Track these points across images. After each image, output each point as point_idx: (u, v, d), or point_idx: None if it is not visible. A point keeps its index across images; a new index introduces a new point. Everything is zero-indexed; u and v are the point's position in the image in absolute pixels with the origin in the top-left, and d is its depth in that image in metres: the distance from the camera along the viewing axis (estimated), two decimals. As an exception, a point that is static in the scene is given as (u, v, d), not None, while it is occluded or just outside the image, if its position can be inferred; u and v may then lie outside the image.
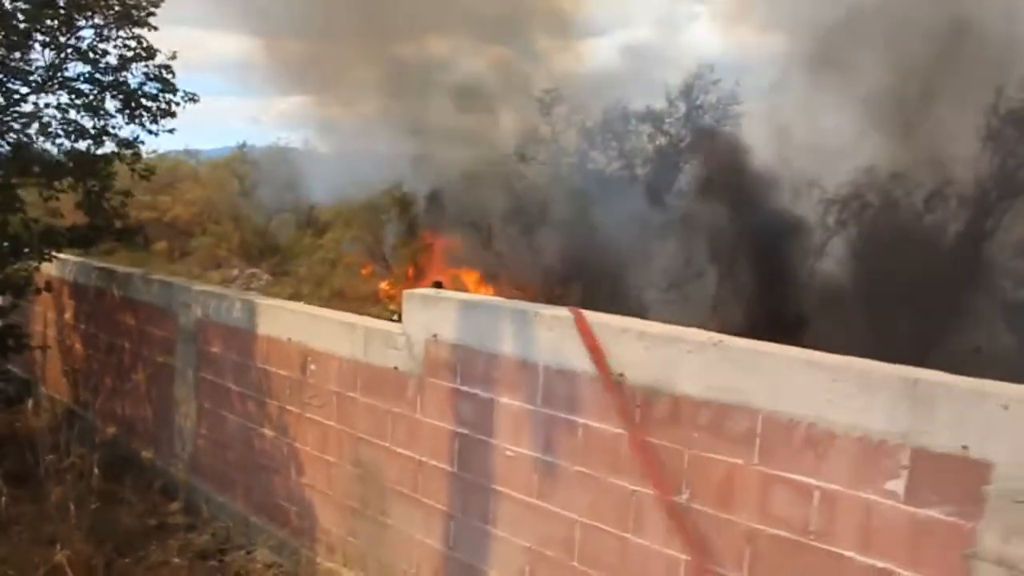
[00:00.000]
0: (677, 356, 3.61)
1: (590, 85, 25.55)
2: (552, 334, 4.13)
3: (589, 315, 4.08)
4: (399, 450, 5.08)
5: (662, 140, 23.79)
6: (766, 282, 19.91)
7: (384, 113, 28.42)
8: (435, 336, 4.74)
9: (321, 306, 21.00)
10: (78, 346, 9.27)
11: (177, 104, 8.60)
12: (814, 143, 19.73)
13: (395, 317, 16.97)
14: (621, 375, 3.82)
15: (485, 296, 4.44)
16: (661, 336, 3.69)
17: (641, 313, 21.72)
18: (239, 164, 34.51)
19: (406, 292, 4.95)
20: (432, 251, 25.58)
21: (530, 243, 22.65)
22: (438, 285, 18.21)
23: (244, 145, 35.38)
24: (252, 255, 31.08)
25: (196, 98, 8.56)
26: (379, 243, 27.20)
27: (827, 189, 19.93)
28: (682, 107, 23.60)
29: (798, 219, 20.30)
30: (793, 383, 3.26)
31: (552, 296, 23.10)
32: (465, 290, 23.82)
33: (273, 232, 31.42)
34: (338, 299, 25.45)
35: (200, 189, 35.45)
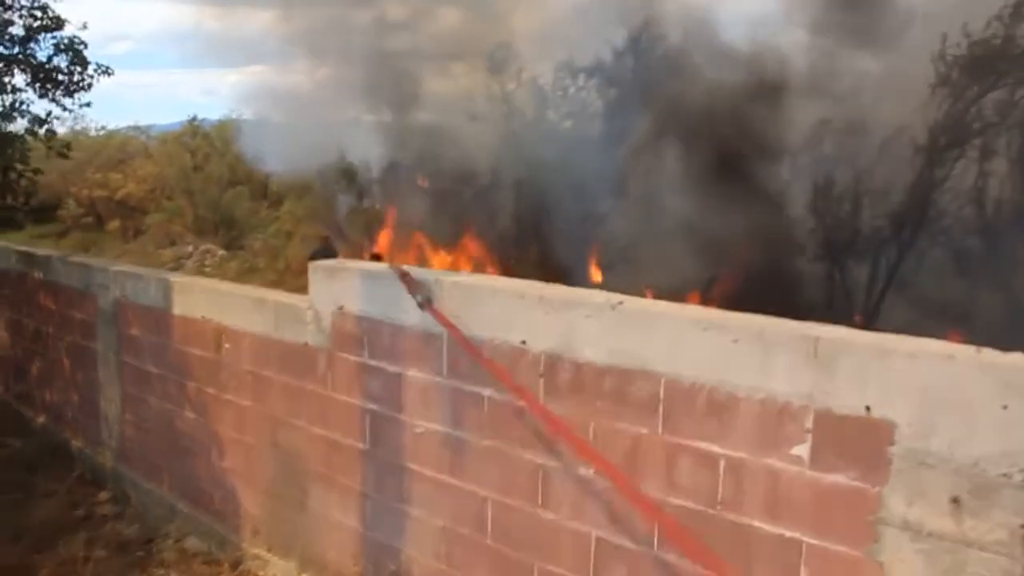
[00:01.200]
0: (577, 321, 3.40)
1: (542, 41, 25.14)
2: (453, 302, 3.91)
3: (487, 280, 3.87)
4: (314, 429, 4.86)
5: (612, 93, 23.42)
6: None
7: (336, 80, 27.87)
8: (341, 308, 4.51)
9: (276, 280, 20.55)
10: (3, 333, 8.92)
11: (91, 77, 8.21)
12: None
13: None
14: (523, 342, 3.61)
15: (384, 265, 4.20)
16: (560, 300, 3.48)
17: (602, 274, 21.57)
18: (191, 138, 33.74)
19: (311, 264, 4.70)
20: (386, 220, 25.25)
21: (484, 206, 22.36)
22: (376, 257, 17.97)
23: (195, 118, 34.54)
24: (207, 230, 30.50)
25: (110, 71, 8.19)
26: (332, 214, 26.79)
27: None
28: (630, 60, 23.22)
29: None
30: (693, 345, 3.07)
31: (507, 261, 23.00)
32: (423, 261, 23.59)
33: (227, 206, 30.83)
34: (292, 273, 25.12)
35: (152, 165, 34.73)
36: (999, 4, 18.47)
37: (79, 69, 8.06)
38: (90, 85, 8.16)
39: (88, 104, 8.45)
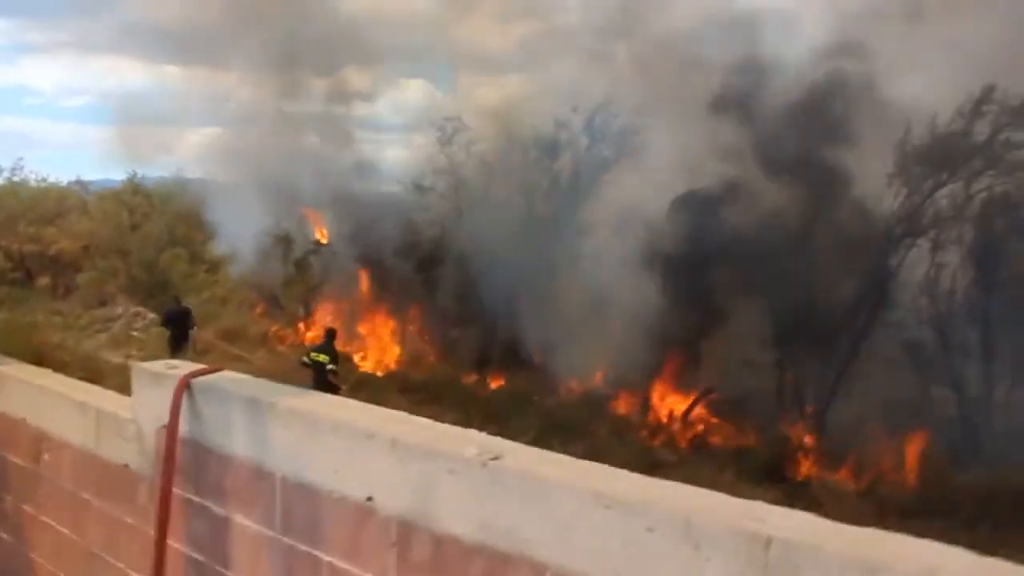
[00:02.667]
0: (438, 478, 2.45)
1: (496, 116, 24.72)
2: (289, 434, 2.94)
3: (332, 409, 2.92)
4: (133, 575, 3.81)
5: (566, 173, 22.92)
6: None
7: (289, 145, 27.05)
8: (164, 426, 3.51)
9: (202, 350, 19.34)
10: None
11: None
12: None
13: (305, 360, 15.55)
14: (370, 499, 2.65)
15: (221, 375, 3.24)
16: (418, 448, 2.53)
17: (542, 357, 20.71)
18: (130, 196, 32.51)
19: (134, 366, 3.72)
20: (322, 291, 24.18)
21: (427, 280, 21.48)
22: (331, 334, 16.92)
23: (135, 175, 33.41)
24: (140, 292, 29.12)
25: None
26: (270, 282, 25.62)
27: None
28: (584, 140, 22.79)
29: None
30: (591, 528, 2.13)
31: (449, 339, 22.03)
32: (354, 336, 22.61)
33: (163, 268, 29.52)
34: (227, 339, 23.88)
35: (88, 221, 33.34)
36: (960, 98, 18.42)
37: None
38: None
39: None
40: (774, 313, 19.52)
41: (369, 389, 17.49)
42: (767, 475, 15.74)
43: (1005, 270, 18.64)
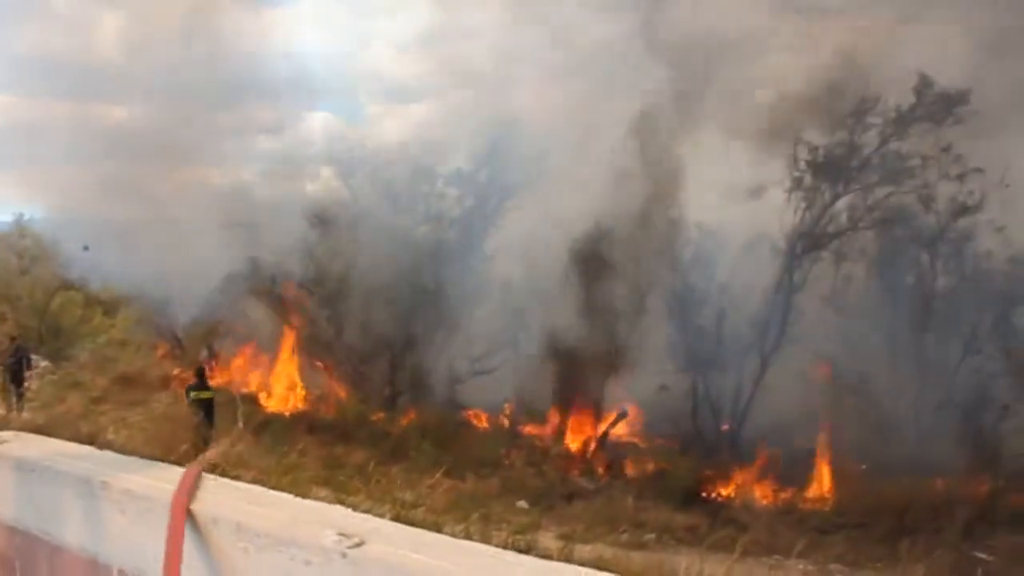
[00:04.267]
0: (291, 570, 2.07)
1: (400, 148, 24.36)
2: (126, 519, 2.52)
3: (188, 484, 2.50)
4: None
5: (470, 202, 22.67)
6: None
7: (181, 183, 26.08)
8: None
9: (99, 397, 18.24)
10: None
11: None
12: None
13: (192, 400, 14.78)
14: (219, 597, 2.24)
15: (49, 450, 2.79)
16: (269, 535, 2.14)
17: (452, 389, 20.34)
18: (16, 238, 30.93)
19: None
20: (224, 331, 23.29)
21: (331, 315, 20.91)
22: (201, 372, 16.21)
23: (22, 216, 31.82)
24: (30, 339, 27.61)
25: None
26: (171, 323, 24.60)
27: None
28: (486, 170, 22.58)
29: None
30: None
31: (357, 375, 21.47)
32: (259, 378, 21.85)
33: (55, 313, 28.09)
34: (123, 385, 22.76)
35: (-27, 267, 31.53)
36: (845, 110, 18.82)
37: None
38: None
39: None
40: (685, 333, 19.58)
41: (275, 430, 16.81)
42: (686, 499, 15.62)
43: (908, 278, 19.08)
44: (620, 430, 18.98)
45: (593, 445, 18.45)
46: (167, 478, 2.69)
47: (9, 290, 29.07)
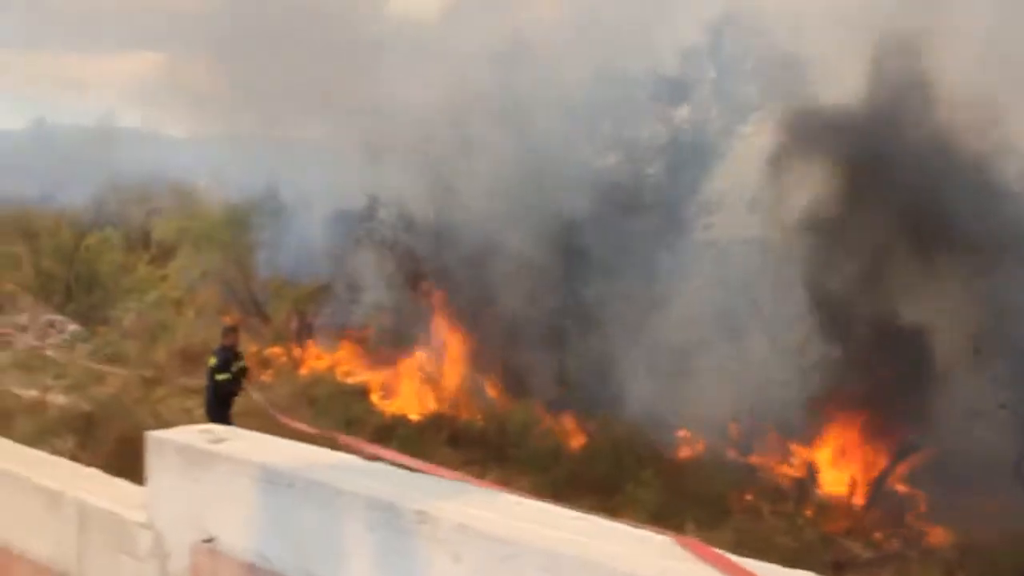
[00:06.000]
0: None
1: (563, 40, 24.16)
2: (463, 570, 2.47)
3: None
4: None
5: (684, 120, 22.27)
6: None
7: (281, 90, 26.54)
8: (210, 541, 3.08)
9: (153, 377, 19.17)
10: None
11: None
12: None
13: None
14: None
15: (299, 457, 2.82)
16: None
17: (642, 398, 20.37)
18: (35, 148, 32.58)
19: (150, 437, 3.29)
20: (326, 296, 23.50)
21: (477, 281, 20.87)
22: (232, 330, 16.25)
23: (43, 122, 33.46)
24: (54, 292, 29.11)
25: None
26: (247, 279, 25.03)
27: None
28: (710, 70, 22.11)
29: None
30: None
31: (512, 367, 21.42)
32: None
33: (87, 258, 29.32)
34: (182, 361, 23.47)
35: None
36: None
37: None
38: None
39: None
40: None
41: (403, 439, 17.10)
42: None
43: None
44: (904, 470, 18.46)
45: (866, 491, 18.03)
46: (499, 507, 2.64)
47: (25, 223, 30.56)
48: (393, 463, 3.12)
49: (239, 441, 3.21)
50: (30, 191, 31.93)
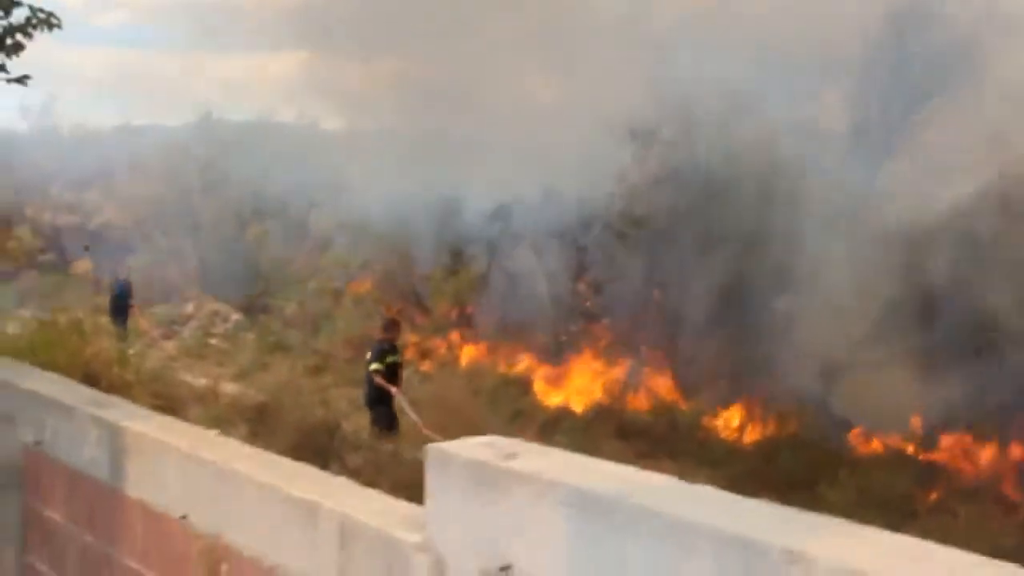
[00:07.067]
0: None
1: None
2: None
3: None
4: None
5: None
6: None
7: (437, 78, 26.53)
8: (506, 570, 2.77)
9: (317, 364, 19.29)
10: None
11: (27, 34, 6.98)
12: None
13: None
14: None
15: (636, 471, 2.53)
16: None
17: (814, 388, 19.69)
18: (200, 144, 33.13)
19: (430, 449, 2.98)
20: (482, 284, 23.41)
21: (649, 266, 20.49)
22: (393, 324, 16.06)
23: (209, 117, 34.01)
24: (216, 282, 29.55)
25: (55, 21, 6.92)
26: (409, 270, 25.06)
27: None
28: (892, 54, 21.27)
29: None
30: None
31: (681, 357, 20.96)
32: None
33: (248, 248, 29.75)
34: (344, 351, 23.55)
35: (143, 182, 34.03)
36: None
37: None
38: (22, 45, 6.82)
39: (24, 79, 7.11)
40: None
41: (568, 432, 16.92)
42: None
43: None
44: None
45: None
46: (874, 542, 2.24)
47: (190, 213, 31.19)
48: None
49: (536, 457, 2.88)
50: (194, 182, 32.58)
